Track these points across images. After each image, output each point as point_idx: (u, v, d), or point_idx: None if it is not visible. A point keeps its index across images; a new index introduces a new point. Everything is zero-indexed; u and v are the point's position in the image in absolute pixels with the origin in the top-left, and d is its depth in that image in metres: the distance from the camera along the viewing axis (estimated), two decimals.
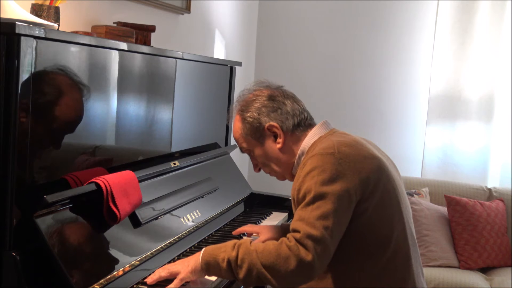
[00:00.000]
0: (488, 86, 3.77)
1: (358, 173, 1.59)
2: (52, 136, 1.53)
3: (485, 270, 3.24)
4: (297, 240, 1.53)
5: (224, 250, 1.58)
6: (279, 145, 1.77)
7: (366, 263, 1.63)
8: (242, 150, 1.85)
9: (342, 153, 1.61)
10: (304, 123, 1.79)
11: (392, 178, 1.69)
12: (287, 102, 1.79)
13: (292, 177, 1.80)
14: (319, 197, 1.55)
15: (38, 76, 1.42)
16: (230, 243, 1.60)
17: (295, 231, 1.56)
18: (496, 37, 3.73)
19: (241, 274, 1.54)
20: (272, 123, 1.76)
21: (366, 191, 1.59)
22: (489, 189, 3.56)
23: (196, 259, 1.61)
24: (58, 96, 1.52)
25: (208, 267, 1.59)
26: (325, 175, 1.57)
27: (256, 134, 1.78)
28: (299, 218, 1.56)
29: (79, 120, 1.66)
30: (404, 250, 1.67)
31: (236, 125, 1.84)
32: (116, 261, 1.59)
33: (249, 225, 2.14)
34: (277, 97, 1.80)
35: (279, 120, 1.76)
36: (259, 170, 1.86)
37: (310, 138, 1.75)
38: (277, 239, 1.98)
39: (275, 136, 1.77)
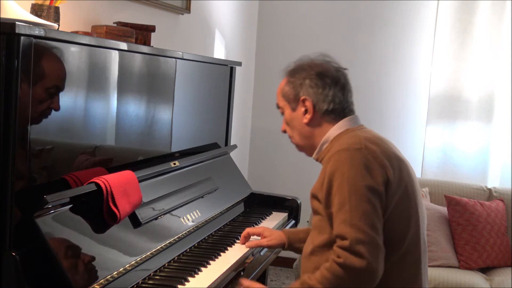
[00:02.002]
0: (488, 86, 3.77)
1: (383, 169, 1.61)
2: (52, 136, 1.53)
3: (485, 270, 3.24)
4: (347, 250, 1.53)
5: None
6: (305, 120, 1.79)
7: None
8: (277, 106, 1.89)
9: (369, 149, 1.63)
10: (338, 113, 1.79)
11: (413, 181, 1.72)
12: (332, 87, 1.78)
13: (309, 153, 1.83)
14: (354, 195, 1.57)
15: (38, 76, 1.42)
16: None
17: (341, 237, 1.56)
18: (496, 37, 3.73)
19: None
20: (307, 98, 1.77)
21: (389, 189, 1.61)
22: (489, 189, 3.56)
23: None
24: (58, 96, 1.52)
25: None
26: (355, 171, 1.59)
27: (292, 99, 1.81)
28: (342, 221, 1.56)
29: (79, 120, 1.66)
30: (415, 253, 1.69)
31: (282, 83, 1.87)
32: (116, 261, 1.59)
33: (248, 228, 2.15)
34: (326, 77, 1.79)
35: (315, 98, 1.77)
36: (284, 132, 1.89)
37: (337, 128, 1.76)
38: (283, 246, 2.00)
39: (306, 111, 1.78)
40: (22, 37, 1.33)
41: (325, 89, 1.77)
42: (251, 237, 2.12)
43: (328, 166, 1.65)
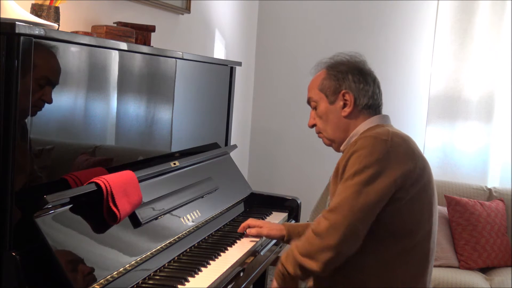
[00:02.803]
0: (488, 86, 3.76)
1: (403, 164, 1.66)
2: (52, 136, 1.53)
3: (485, 270, 3.24)
4: (322, 215, 1.67)
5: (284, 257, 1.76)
6: (344, 113, 1.82)
7: (379, 249, 1.69)
8: (310, 100, 1.90)
9: (394, 143, 1.68)
10: (374, 109, 1.86)
11: (432, 183, 1.77)
12: (371, 83, 1.86)
13: (338, 148, 1.87)
14: (357, 176, 1.64)
15: (38, 76, 1.42)
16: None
17: (329, 208, 1.68)
18: (496, 37, 3.73)
19: (291, 269, 1.71)
20: (349, 91, 1.82)
21: (406, 184, 1.65)
22: (489, 189, 3.56)
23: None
24: (58, 96, 1.52)
25: (278, 278, 1.78)
26: (371, 159, 1.64)
27: (331, 92, 1.84)
28: (337, 193, 1.68)
29: (79, 120, 1.66)
30: (425, 249, 1.73)
31: (319, 76, 1.89)
32: (116, 261, 1.59)
33: (250, 219, 2.20)
34: (367, 74, 1.87)
35: (357, 92, 1.82)
36: (313, 126, 1.91)
37: (369, 123, 1.82)
38: (282, 238, 2.06)
39: (345, 104, 1.83)
40: (22, 37, 1.33)
41: (366, 85, 1.84)
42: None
43: (353, 147, 1.71)
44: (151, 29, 2.37)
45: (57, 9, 1.87)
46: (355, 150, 1.68)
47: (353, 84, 1.82)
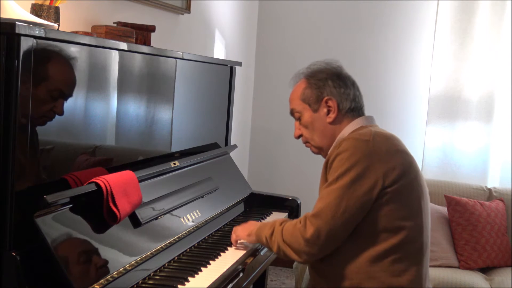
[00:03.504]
0: (488, 86, 3.76)
1: (386, 162, 1.69)
2: (52, 136, 1.53)
3: (485, 270, 3.24)
4: (307, 218, 1.73)
5: (268, 227, 1.86)
6: (329, 120, 1.86)
7: (370, 246, 1.72)
8: (293, 111, 1.93)
9: (376, 142, 1.72)
10: (358, 111, 1.89)
11: (420, 178, 1.80)
12: (351, 86, 1.89)
13: (326, 155, 1.88)
14: (340, 180, 1.69)
15: (38, 76, 1.42)
16: (272, 222, 1.87)
17: (312, 211, 1.74)
18: (496, 37, 3.73)
19: (274, 249, 1.82)
20: (331, 97, 1.85)
21: (390, 181, 1.69)
22: (489, 189, 3.56)
23: (252, 231, 1.95)
24: (58, 96, 1.52)
25: (257, 240, 1.92)
26: (352, 160, 1.68)
27: (314, 100, 1.87)
28: (320, 196, 1.74)
29: (79, 120, 1.66)
30: (417, 243, 1.75)
31: (299, 87, 1.92)
32: (116, 261, 1.59)
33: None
34: (345, 78, 1.90)
35: (339, 97, 1.86)
36: (299, 137, 1.95)
37: (354, 125, 1.85)
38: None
39: (329, 111, 1.86)
40: (22, 37, 1.33)
41: (347, 89, 1.87)
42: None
43: (337, 149, 1.74)
44: (151, 29, 2.37)
45: (57, 9, 1.87)
46: (338, 152, 1.73)
47: (334, 90, 1.86)
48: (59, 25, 1.85)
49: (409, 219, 1.73)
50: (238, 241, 2.07)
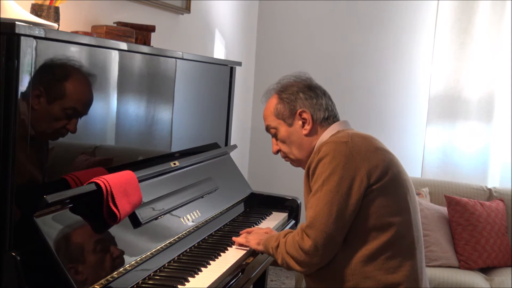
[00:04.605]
0: (488, 86, 3.76)
1: (368, 161, 1.71)
2: (52, 136, 1.53)
3: (485, 270, 3.24)
4: (303, 229, 1.74)
5: (275, 239, 1.87)
6: (305, 132, 1.88)
7: (363, 245, 1.74)
8: (268, 128, 1.96)
9: (355, 143, 1.74)
10: (332, 119, 1.92)
11: (403, 173, 1.81)
12: (322, 96, 1.92)
13: (305, 167, 1.90)
14: (326, 185, 1.70)
15: (38, 76, 1.42)
16: (278, 234, 1.90)
17: (306, 222, 1.76)
18: (496, 37, 3.73)
19: (279, 261, 1.83)
20: (305, 109, 1.88)
21: (374, 179, 1.71)
22: (489, 189, 3.56)
23: (261, 241, 1.96)
24: (58, 96, 1.52)
25: (265, 251, 1.94)
26: (334, 164, 1.70)
27: (288, 115, 1.90)
28: (310, 206, 1.76)
29: (79, 120, 1.66)
30: (408, 238, 1.77)
31: (271, 103, 1.94)
32: (116, 261, 1.59)
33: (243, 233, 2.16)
34: (316, 89, 1.92)
35: (312, 108, 1.88)
36: (277, 152, 1.99)
37: (330, 131, 1.88)
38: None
39: (304, 123, 1.89)
40: (22, 37, 1.33)
41: (319, 99, 1.90)
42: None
43: (317, 155, 1.76)
44: (151, 29, 2.37)
45: (57, 9, 1.87)
46: (319, 158, 1.74)
47: (306, 102, 1.88)
48: (59, 25, 1.85)
49: (397, 215, 1.75)
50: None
